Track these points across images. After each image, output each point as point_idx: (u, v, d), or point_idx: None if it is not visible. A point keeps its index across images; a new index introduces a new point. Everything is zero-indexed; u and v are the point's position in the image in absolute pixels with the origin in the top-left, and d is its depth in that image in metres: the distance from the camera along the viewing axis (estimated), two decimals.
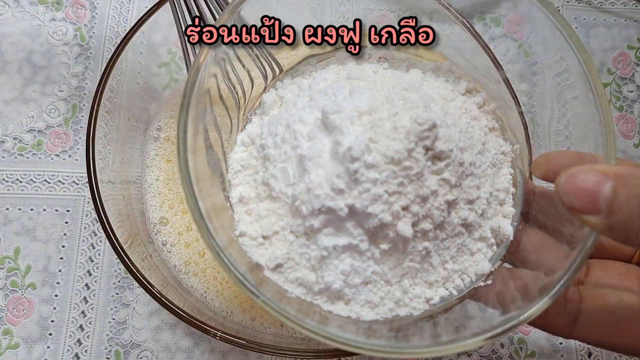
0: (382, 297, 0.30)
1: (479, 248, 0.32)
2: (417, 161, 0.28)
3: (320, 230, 0.29)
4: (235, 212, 0.32)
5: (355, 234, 0.29)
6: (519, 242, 0.33)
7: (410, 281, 0.31)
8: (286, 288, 0.30)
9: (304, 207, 0.29)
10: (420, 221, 0.29)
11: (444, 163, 0.29)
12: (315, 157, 0.29)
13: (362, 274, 0.30)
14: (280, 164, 0.31)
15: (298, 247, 0.30)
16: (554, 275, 0.27)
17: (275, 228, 0.31)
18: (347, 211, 0.28)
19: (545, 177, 0.32)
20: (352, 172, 0.28)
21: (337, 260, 0.29)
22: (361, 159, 0.28)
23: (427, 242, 0.30)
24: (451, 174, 0.29)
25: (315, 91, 0.33)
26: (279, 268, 0.30)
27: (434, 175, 0.29)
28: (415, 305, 0.31)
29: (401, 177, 0.28)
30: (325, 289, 0.30)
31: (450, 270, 0.31)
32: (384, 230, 0.29)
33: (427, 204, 0.29)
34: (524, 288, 0.30)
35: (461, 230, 0.31)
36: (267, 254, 0.30)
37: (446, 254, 0.31)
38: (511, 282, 0.31)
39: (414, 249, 0.30)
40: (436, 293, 0.31)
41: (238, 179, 0.33)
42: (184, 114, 0.27)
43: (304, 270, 0.30)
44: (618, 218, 0.23)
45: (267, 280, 0.30)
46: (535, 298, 0.27)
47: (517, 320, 0.27)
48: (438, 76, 0.36)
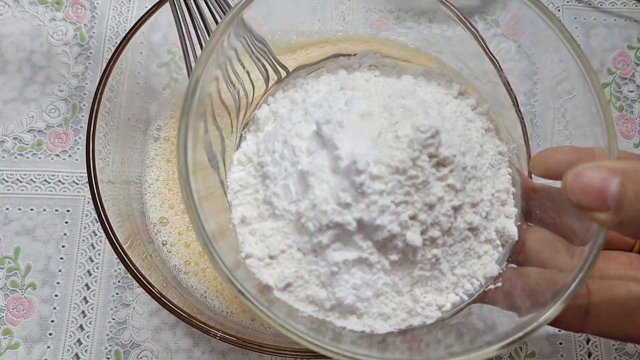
0: (394, 308, 0.30)
1: (486, 250, 0.32)
2: (423, 169, 0.28)
3: (329, 245, 0.29)
4: (238, 233, 0.31)
5: (365, 247, 0.28)
6: (524, 242, 0.33)
7: (420, 289, 0.31)
8: (297, 307, 0.30)
9: (310, 224, 0.29)
10: (428, 229, 0.29)
11: (448, 169, 0.29)
12: (317, 172, 0.29)
13: (373, 286, 0.29)
14: (281, 181, 0.30)
15: (306, 264, 0.30)
16: (565, 275, 0.27)
17: (281, 247, 0.30)
18: (356, 225, 0.28)
19: (545, 175, 0.31)
20: (358, 185, 0.27)
21: (348, 275, 0.29)
22: (366, 171, 0.27)
23: (436, 249, 0.30)
24: (456, 179, 0.29)
25: (309, 104, 0.33)
26: (288, 287, 0.30)
27: (439, 182, 0.29)
28: (427, 314, 0.31)
29: (407, 186, 0.28)
30: (337, 305, 0.29)
31: (460, 276, 0.31)
32: (393, 241, 0.28)
33: (434, 212, 0.29)
34: (533, 288, 0.30)
35: (467, 235, 0.31)
36: (276, 274, 0.30)
37: (454, 259, 0.31)
38: (519, 281, 0.31)
39: (423, 258, 0.30)
40: (447, 299, 0.31)
41: (238, 199, 0.32)
42: (183, 134, 0.27)
43: (314, 287, 0.30)
44: (628, 214, 0.23)
45: (277, 300, 0.30)
46: (547, 301, 0.27)
47: (532, 327, 0.26)
48: (430, 80, 0.36)
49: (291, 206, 0.30)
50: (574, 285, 0.26)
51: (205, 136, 0.31)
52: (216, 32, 0.29)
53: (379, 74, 0.36)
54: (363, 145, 0.28)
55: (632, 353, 0.45)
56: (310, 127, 0.30)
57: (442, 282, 0.31)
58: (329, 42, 0.42)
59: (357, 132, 0.29)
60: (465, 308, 0.31)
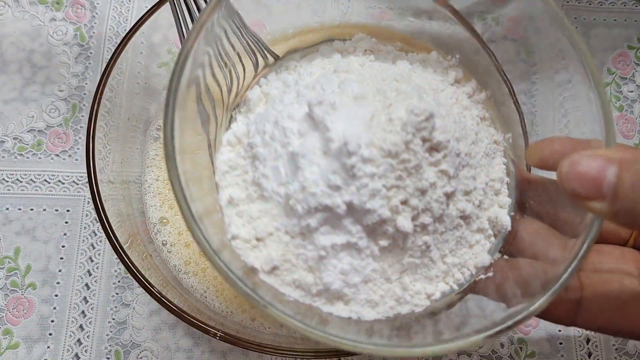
0: (382, 296, 0.30)
1: (477, 240, 0.32)
2: (415, 153, 0.27)
3: (317, 229, 0.28)
4: (225, 214, 0.30)
5: (354, 231, 0.28)
6: (516, 233, 0.32)
7: (410, 277, 0.30)
8: (283, 291, 0.29)
9: (299, 206, 0.28)
10: (419, 215, 0.28)
11: (442, 154, 0.28)
12: (308, 154, 0.28)
13: (362, 272, 0.29)
14: (270, 162, 0.29)
15: (294, 247, 0.29)
16: (557, 267, 0.27)
17: (269, 229, 0.29)
18: (345, 208, 0.27)
19: (540, 165, 0.31)
20: (349, 167, 0.27)
21: (336, 260, 0.29)
22: (358, 153, 0.27)
23: (427, 236, 0.29)
24: (449, 165, 0.28)
25: (302, 86, 0.32)
26: (274, 270, 0.29)
27: (432, 167, 0.28)
28: (416, 302, 0.30)
29: (399, 170, 0.27)
30: (324, 290, 0.29)
31: (450, 264, 0.31)
32: (383, 226, 0.28)
33: (426, 197, 0.28)
34: (524, 279, 0.29)
35: (459, 223, 0.30)
36: (262, 257, 0.29)
37: (445, 247, 0.30)
38: (510, 272, 0.31)
39: (413, 244, 0.29)
40: (437, 288, 0.31)
41: (226, 181, 0.31)
42: (170, 113, 0.26)
43: (301, 271, 0.29)
44: (624, 203, 0.23)
45: (262, 284, 0.29)
46: (537, 292, 0.26)
47: (521, 316, 0.26)
48: (426, 67, 0.35)
49: (280, 188, 0.29)
50: (565, 277, 0.26)
51: (194, 115, 0.30)
52: (206, 8, 0.28)
53: (374, 58, 0.36)
54: (355, 128, 0.27)
55: (632, 353, 0.45)
56: (302, 109, 0.30)
57: (432, 270, 0.30)
58: (324, 28, 0.41)
59: (349, 115, 0.28)
60: (454, 297, 0.31)
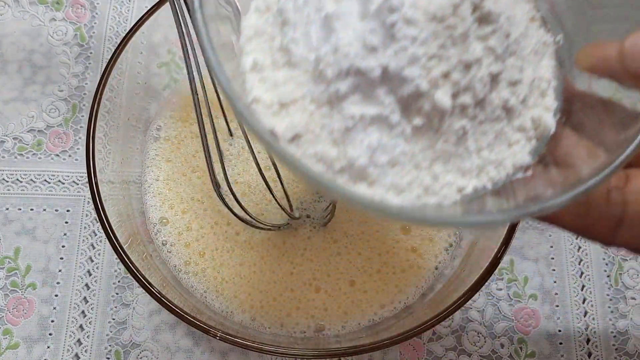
0: (409, 182, 0.27)
1: (518, 139, 0.29)
2: (463, 19, 0.25)
3: (347, 96, 0.26)
4: (247, 80, 0.28)
5: (387, 102, 0.26)
6: (559, 140, 0.30)
7: (441, 167, 0.28)
8: (305, 162, 0.27)
9: (329, 70, 0.26)
10: (460, 93, 0.26)
11: (491, 28, 0.26)
12: (343, 17, 0.26)
13: (390, 152, 0.27)
14: (302, 27, 0.27)
15: (319, 117, 0.27)
16: (597, 164, 0.25)
17: (294, 96, 0.27)
18: (380, 73, 0.25)
19: (592, 68, 0.29)
20: (389, 25, 0.25)
21: (364, 134, 0.26)
22: (400, 10, 0.24)
23: (465, 119, 0.27)
24: (498, 42, 0.26)
25: None
26: (296, 140, 0.27)
27: (479, 42, 0.26)
28: (445, 194, 0.28)
29: (443, 37, 0.25)
30: (347, 167, 0.27)
31: (486, 160, 0.29)
32: (419, 101, 0.26)
33: (470, 74, 0.26)
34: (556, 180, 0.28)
35: (501, 115, 0.28)
36: (284, 123, 0.27)
37: (483, 140, 0.28)
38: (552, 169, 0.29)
39: (449, 128, 0.27)
40: (469, 183, 0.28)
41: (251, 46, 0.29)
42: None
43: (324, 144, 0.27)
44: None
45: (282, 152, 0.27)
46: (583, 179, 0.24)
47: (552, 203, 0.24)
48: None
49: (310, 54, 0.27)
50: (611, 167, 0.24)
51: None
52: None
53: None
54: None
55: (632, 353, 0.45)
56: None
57: (466, 162, 0.28)
58: None
59: None
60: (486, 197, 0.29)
